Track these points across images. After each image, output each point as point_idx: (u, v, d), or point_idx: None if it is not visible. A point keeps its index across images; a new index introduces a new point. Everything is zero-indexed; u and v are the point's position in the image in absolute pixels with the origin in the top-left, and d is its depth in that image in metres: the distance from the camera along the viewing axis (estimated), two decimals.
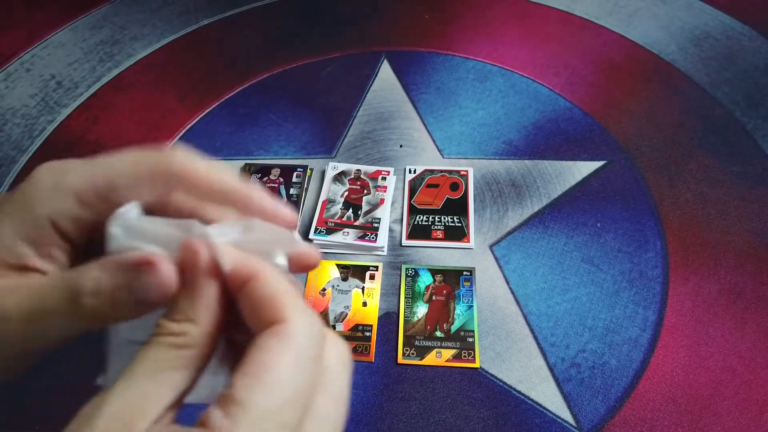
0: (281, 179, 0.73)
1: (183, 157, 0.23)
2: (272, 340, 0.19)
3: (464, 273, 0.64)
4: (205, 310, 0.20)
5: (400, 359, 0.58)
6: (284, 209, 0.25)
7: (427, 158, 0.76)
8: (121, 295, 0.20)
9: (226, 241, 0.21)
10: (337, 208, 0.69)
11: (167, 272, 0.20)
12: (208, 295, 0.20)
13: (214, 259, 0.20)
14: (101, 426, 0.17)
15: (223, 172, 0.24)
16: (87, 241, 0.24)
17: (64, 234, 0.23)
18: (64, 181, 0.22)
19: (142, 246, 0.21)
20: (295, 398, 0.19)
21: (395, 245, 0.67)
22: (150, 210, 0.23)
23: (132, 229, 0.21)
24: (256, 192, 0.24)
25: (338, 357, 0.22)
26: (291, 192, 0.72)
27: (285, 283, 0.20)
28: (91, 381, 0.23)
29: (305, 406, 0.19)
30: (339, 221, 0.68)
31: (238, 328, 0.21)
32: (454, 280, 0.63)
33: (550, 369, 0.57)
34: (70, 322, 0.21)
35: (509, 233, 0.68)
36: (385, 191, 0.71)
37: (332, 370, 0.21)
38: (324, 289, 0.63)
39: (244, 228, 0.22)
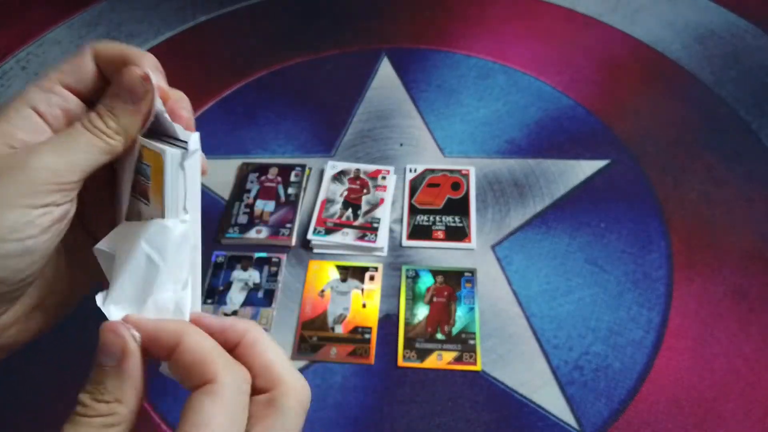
0: (279, 178, 0.72)
1: (111, 46, 0.27)
2: (204, 398, 0.21)
3: (466, 274, 0.63)
4: (132, 391, 0.22)
5: (401, 362, 0.57)
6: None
7: (428, 157, 0.75)
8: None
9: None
10: (337, 207, 0.68)
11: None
12: (135, 377, 0.22)
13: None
14: None
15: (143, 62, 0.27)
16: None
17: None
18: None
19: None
20: None
21: (395, 246, 0.66)
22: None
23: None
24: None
25: (297, 399, 0.24)
26: (289, 191, 0.71)
27: (209, 341, 0.23)
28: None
29: None
30: (338, 221, 0.67)
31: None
32: (455, 281, 0.63)
33: (553, 372, 0.57)
34: (91, 145, 0.25)
35: (511, 233, 0.67)
36: (385, 191, 0.70)
37: (289, 411, 0.23)
38: (323, 291, 0.62)
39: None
